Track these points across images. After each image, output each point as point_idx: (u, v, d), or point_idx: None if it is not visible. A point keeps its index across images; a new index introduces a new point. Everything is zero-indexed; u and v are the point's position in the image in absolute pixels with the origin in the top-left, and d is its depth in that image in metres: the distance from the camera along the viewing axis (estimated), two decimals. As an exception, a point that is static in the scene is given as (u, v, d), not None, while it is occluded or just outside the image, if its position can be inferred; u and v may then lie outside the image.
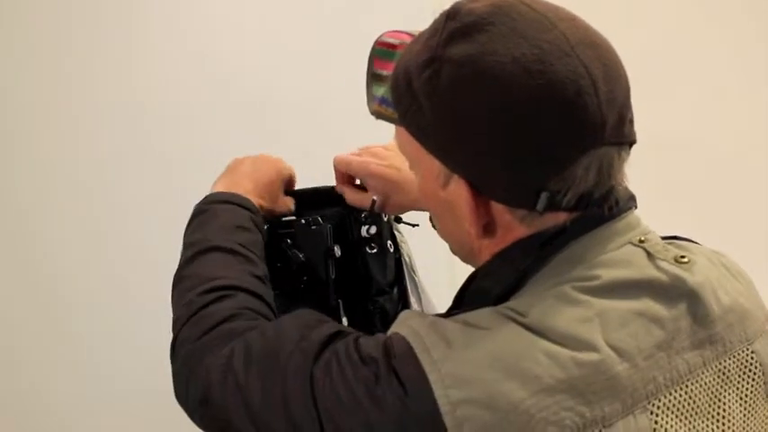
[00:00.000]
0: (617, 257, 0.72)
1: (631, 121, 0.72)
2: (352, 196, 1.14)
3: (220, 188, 1.11)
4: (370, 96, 0.81)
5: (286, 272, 1.08)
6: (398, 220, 1.19)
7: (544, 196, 0.68)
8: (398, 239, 1.17)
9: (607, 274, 0.70)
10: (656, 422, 0.67)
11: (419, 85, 0.70)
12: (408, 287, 1.16)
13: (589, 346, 0.66)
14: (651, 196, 0.80)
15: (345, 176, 1.15)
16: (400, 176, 1.10)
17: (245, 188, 1.09)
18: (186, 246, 1.08)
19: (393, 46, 0.82)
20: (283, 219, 1.13)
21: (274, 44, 2.07)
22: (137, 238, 2.11)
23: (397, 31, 0.83)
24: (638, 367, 0.67)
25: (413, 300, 1.16)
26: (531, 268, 0.72)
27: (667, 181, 2.16)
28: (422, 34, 0.74)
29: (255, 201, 1.07)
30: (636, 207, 0.77)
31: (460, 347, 0.67)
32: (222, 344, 0.83)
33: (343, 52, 2.02)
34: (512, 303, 0.70)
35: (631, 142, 0.72)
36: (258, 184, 1.11)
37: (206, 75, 2.09)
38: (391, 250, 1.15)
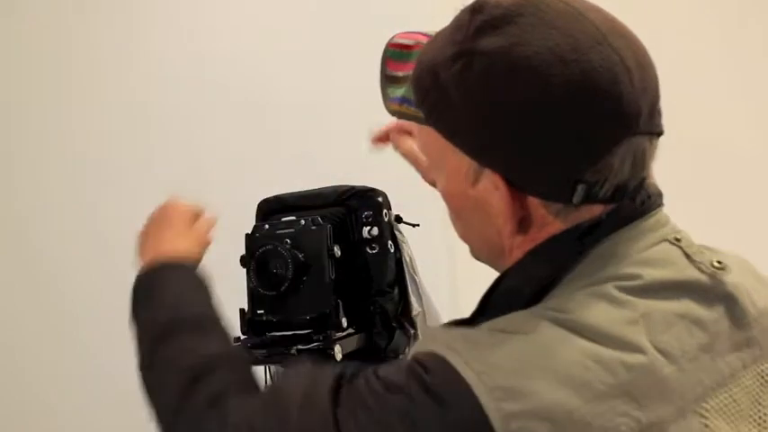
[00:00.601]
0: (656, 256, 0.71)
1: (660, 112, 0.71)
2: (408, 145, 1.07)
3: (148, 260, 1.05)
4: (387, 98, 0.80)
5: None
6: (399, 220, 1.19)
7: (581, 188, 0.67)
8: (399, 239, 1.17)
9: (649, 274, 0.69)
10: (706, 425, 0.66)
11: (448, 79, 0.69)
12: (409, 287, 1.16)
13: (636, 349, 0.65)
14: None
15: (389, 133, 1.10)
16: None
17: (170, 250, 1.04)
18: (144, 328, 1.02)
19: (407, 47, 0.81)
20: (283, 219, 1.12)
21: (273, 45, 2.07)
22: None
23: (410, 32, 0.82)
24: (684, 370, 0.66)
25: (413, 300, 1.16)
26: (565, 264, 0.70)
27: (680, 181, 2.15)
28: (442, 32, 0.73)
29: (187, 253, 1.01)
30: (663, 204, 0.76)
31: (504, 357, 0.64)
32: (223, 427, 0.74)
33: (342, 53, 2.02)
34: (551, 303, 0.68)
35: (660, 133, 0.71)
36: (179, 239, 1.05)
37: (205, 76, 2.09)
38: (392, 250, 1.15)
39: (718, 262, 0.72)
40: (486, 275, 1.48)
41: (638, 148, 0.68)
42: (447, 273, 1.95)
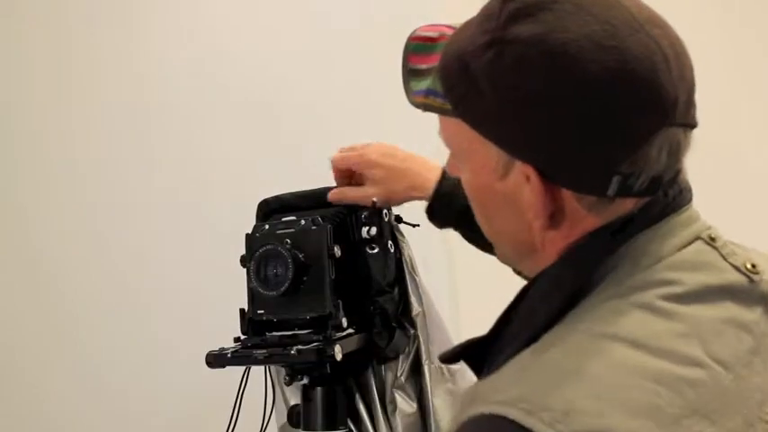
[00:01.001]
0: (692, 258, 0.69)
1: (695, 104, 0.69)
2: (353, 194, 1.14)
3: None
4: (410, 91, 0.78)
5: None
6: (399, 220, 1.19)
7: (616, 180, 0.66)
8: (399, 239, 1.17)
9: (691, 279, 0.67)
10: None
11: (478, 69, 0.67)
12: (409, 287, 1.16)
13: (694, 362, 0.63)
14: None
15: (344, 174, 1.16)
16: (396, 163, 1.13)
17: None
18: None
19: (431, 39, 0.79)
20: (283, 219, 1.12)
21: (273, 45, 2.07)
22: (139, 238, 2.11)
23: (433, 25, 0.80)
24: (742, 377, 0.65)
25: (413, 300, 1.16)
26: (597, 265, 0.68)
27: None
28: (470, 22, 0.72)
29: None
30: (692, 198, 0.74)
31: (570, 396, 0.60)
32: None
33: (342, 53, 2.02)
34: (593, 317, 0.65)
35: (694, 125, 0.69)
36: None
37: (205, 76, 2.09)
38: (392, 250, 1.15)
39: (752, 265, 0.71)
40: (485, 275, 1.49)
41: (674, 140, 0.67)
42: (447, 273, 1.95)
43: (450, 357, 0.81)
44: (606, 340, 0.63)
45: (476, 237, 1.13)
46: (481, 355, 0.77)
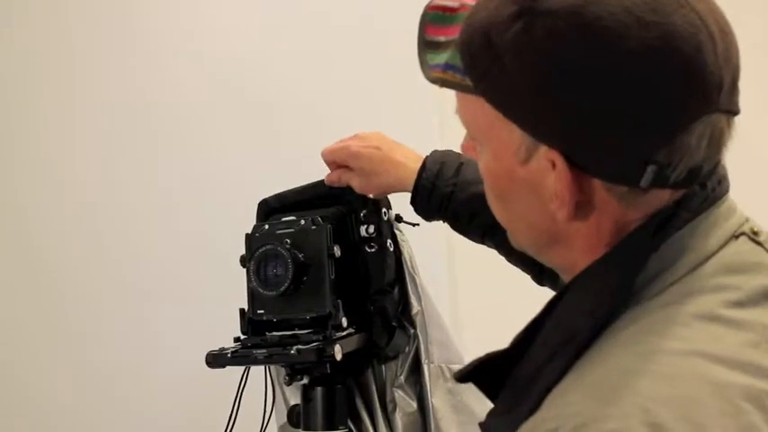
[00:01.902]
0: (743, 259, 0.64)
1: (738, 89, 0.63)
2: (342, 178, 1.13)
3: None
4: (426, 64, 0.71)
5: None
6: (399, 219, 1.19)
7: (651, 170, 0.60)
8: (399, 239, 1.17)
9: (746, 284, 0.62)
10: None
11: (504, 43, 0.61)
12: (409, 287, 1.16)
13: None
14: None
15: (333, 166, 1.15)
16: (381, 155, 1.10)
17: None
18: None
19: (451, 9, 0.72)
20: (283, 219, 1.12)
21: (273, 45, 2.07)
22: (138, 238, 2.11)
23: None
24: None
25: (413, 299, 1.16)
26: (639, 268, 0.63)
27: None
28: None
29: None
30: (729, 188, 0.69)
31: (664, 422, 0.55)
32: None
33: (343, 53, 2.02)
34: (662, 334, 0.60)
35: (737, 112, 0.63)
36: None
37: (206, 75, 2.09)
38: (391, 249, 1.15)
39: None
40: (485, 274, 1.48)
41: (716, 127, 0.61)
42: (447, 272, 1.95)
43: (465, 376, 0.74)
44: (682, 357, 0.58)
45: (463, 228, 1.13)
46: (498, 372, 0.70)
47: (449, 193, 1.07)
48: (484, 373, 0.72)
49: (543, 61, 0.60)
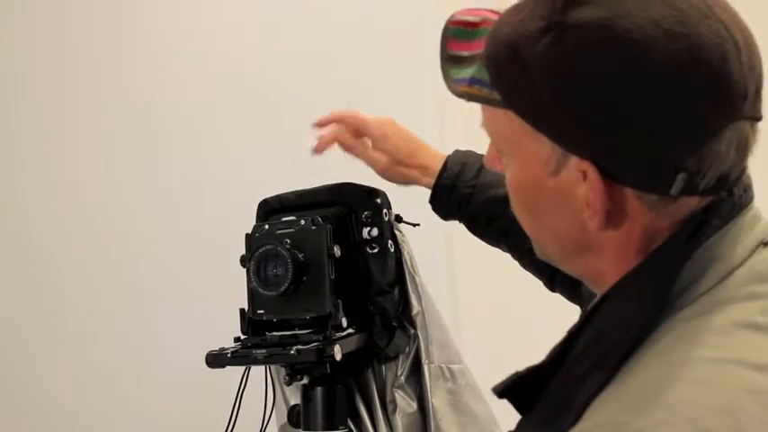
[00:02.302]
0: None
1: (761, 96, 0.64)
2: (362, 151, 1.15)
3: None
4: (450, 79, 0.72)
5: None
6: (399, 220, 1.19)
7: (681, 177, 0.61)
8: (399, 239, 1.17)
9: None
10: None
11: (533, 56, 0.62)
12: (409, 287, 1.16)
13: None
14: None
15: (349, 129, 1.17)
16: (411, 147, 1.15)
17: None
18: None
19: (473, 24, 0.73)
20: (283, 219, 1.12)
21: (273, 44, 2.07)
22: (138, 238, 2.11)
23: (474, 9, 0.74)
24: None
25: (413, 299, 1.16)
26: (673, 276, 0.64)
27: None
28: (518, 6, 0.67)
29: None
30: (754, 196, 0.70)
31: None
32: None
33: (343, 53, 2.02)
34: (704, 343, 0.60)
35: (760, 118, 0.64)
36: None
37: (205, 75, 2.09)
38: (392, 250, 1.15)
39: None
40: (486, 275, 1.48)
41: (742, 134, 0.62)
42: (447, 273, 1.95)
43: (505, 391, 0.72)
44: (723, 365, 0.59)
45: (480, 230, 1.14)
46: (531, 385, 0.69)
47: (468, 195, 1.10)
48: (517, 386, 0.71)
49: (573, 74, 0.61)
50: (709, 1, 0.62)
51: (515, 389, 0.70)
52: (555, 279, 1.09)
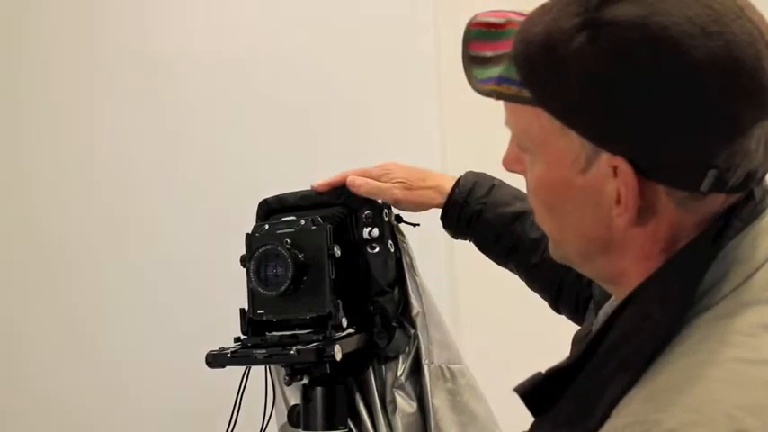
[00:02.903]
0: None
1: None
2: (375, 186, 1.15)
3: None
4: (474, 79, 0.73)
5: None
6: (399, 220, 1.19)
7: (712, 174, 0.62)
8: (399, 239, 1.17)
9: None
10: None
11: (569, 53, 0.63)
12: (409, 287, 1.16)
13: None
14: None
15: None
16: (421, 172, 1.17)
17: None
18: None
19: (497, 25, 0.73)
20: (283, 219, 1.12)
21: (273, 44, 2.07)
22: (138, 238, 2.11)
23: (496, 11, 0.75)
24: None
25: (413, 300, 1.16)
26: (700, 276, 0.64)
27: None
28: (547, 6, 0.67)
29: None
30: None
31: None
32: None
33: (343, 53, 2.02)
34: (733, 343, 0.61)
35: None
36: None
37: (206, 77, 2.09)
38: (392, 250, 1.15)
39: None
40: (485, 275, 1.48)
41: None
42: (447, 273, 1.95)
43: (529, 392, 0.71)
44: (754, 366, 0.60)
45: (489, 248, 1.15)
46: (550, 386, 0.69)
47: (478, 211, 1.13)
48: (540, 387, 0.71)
49: (610, 71, 0.62)
50: (740, 2, 0.63)
51: (537, 390, 0.70)
52: (560, 299, 1.11)
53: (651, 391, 0.61)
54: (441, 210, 1.16)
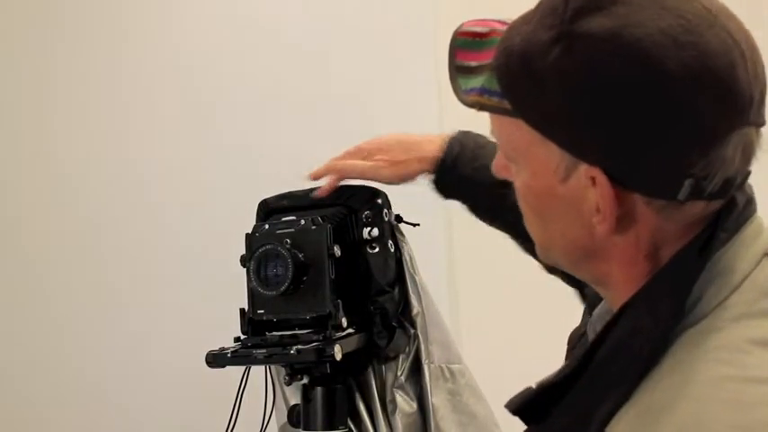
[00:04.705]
0: None
1: (765, 102, 0.66)
2: (361, 167, 1.15)
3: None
4: (459, 89, 0.73)
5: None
6: (399, 220, 1.19)
7: (689, 183, 0.62)
8: (399, 239, 1.17)
9: None
10: None
11: (545, 66, 0.63)
12: (409, 287, 1.16)
13: None
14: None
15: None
16: (401, 138, 1.16)
17: None
18: None
19: (481, 35, 0.74)
20: (283, 219, 1.12)
21: (273, 44, 2.07)
22: (138, 238, 2.11)
23: (481, 20, 0.75)
24: None
25: (413, 299, 1.16)
26: (689, 288, 0.64)
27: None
28: (527, 16, 0.68)
29: None
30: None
31: None
32: None
33: (343, 53, 2.02)
34: (724, 360, 0.61)
35: (763, 124, 0.66)
36: None
37: (205, 75, 2.09)
38: (392, 250, 1.15)
39: None
40: (485, 275, 1.48)
41: (747, 140, 0.64)
42: (447, 273, 1.95)
43: (521, 408, 0.71)
44: (751, 384, 0.60)
45: (481, 213, 1.14)
46: (542, 399, 0.70)
47: (466, 177, 1.11)
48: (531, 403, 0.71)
49: (584, 83, 0.62)
50: (714, 10, 0.63)
51: (529, 405, 0.70)
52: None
53: (642, 409, 0.61)
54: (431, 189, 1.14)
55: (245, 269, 1.10)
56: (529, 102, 0.66)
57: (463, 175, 1.11)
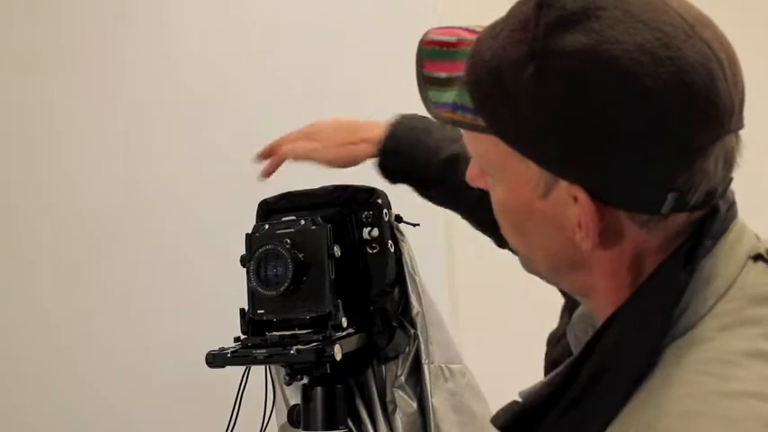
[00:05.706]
0: (765, 288, 0.65)
1: (743, 108, 0.65)
2: (302, 146, 1.18)
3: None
4: (430, 101, 0.71)
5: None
6: (399, 220, 1.19)
7: (671, 197, 0.61)
8: (399, 239, 1.17)
9: None
10: None
11: (518, 85, 0.61)
12: (409, 287, 1.16)
13: None
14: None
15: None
16: (343, 121, 1.18)
17: None
18: None
19: (449, 44, 0.71)
20: (283, 219, 1.12)
21: (273, 43, 2.07)
22: (138, 238, 2.11)
23: (447, 28, 0.72)
24: None
25: (413, 299, 1.16)
26: (674, 298, 0.64)
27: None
28: (496, 27, 0.66)
29: None
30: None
31: None
32: None
33: (344, 52, 2.02)
34: (713, 374, 0.60)
35: (742, 127, 0.64)
36: None
37: (205, 75, 2.09)
38: (392, 250, 1.15)
39: None
40: (485, 275, 1.48)
41: (729, 147, 0.63)
42: (447, 273, 1.95)
43: (504, 426, 0.70)
44: (739, 398, 0.59)
45: (426, 194, 1.13)
46: (529, 411, 0.69)
47: (410, 161, 1.11)
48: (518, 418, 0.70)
49: (561, 102, 0.61)
50: (691, 20, 0.61)
51: (515, 421, 0.69)
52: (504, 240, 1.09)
53: (637, 424, 0.60)
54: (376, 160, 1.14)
55: (245, 269, 1.10)
56: (504, 120, 0.64)
57: (408, 156, 1.10)
